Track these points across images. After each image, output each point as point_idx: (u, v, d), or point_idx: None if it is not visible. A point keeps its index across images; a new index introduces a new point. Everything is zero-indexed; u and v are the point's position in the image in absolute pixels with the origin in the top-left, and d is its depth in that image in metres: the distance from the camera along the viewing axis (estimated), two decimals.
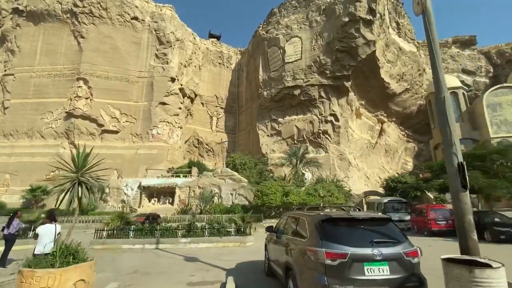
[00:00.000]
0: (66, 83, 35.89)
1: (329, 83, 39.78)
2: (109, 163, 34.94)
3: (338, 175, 38.69)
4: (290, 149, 32.21)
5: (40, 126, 35.14)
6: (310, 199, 21.85)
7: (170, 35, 39.97)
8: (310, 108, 41.43)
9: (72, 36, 37.02)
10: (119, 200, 27.03)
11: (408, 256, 3.44)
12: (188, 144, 46.93)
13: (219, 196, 25.92)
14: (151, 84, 38.22)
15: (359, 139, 47.05)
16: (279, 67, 42.26)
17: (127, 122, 37.01)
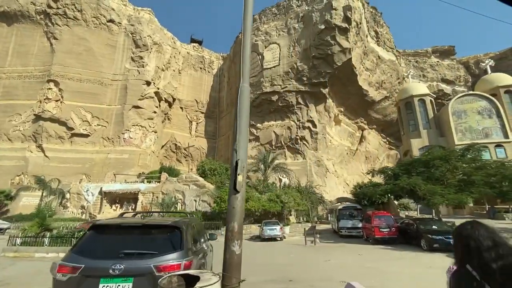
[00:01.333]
0: (36, 85, 35.05)
1: (306, 90, 39.81)
2: (78, 167, 34.05)
3: (315, 181, 38.38)
4: (259, 155, 31.70)
5: (8, 128, 34.06)
6: (270, 206, 21.27)
7: (147, 38, 39.66)
8: (288, 114, 41.31)
9: (45, 37, 36.40)
10: (79, 206, 26.00)
11: (161, 271, 2.89)
12: (165, 149, 46.12)
13: (183, 203, 25.15)
14: (125, 88, 37.62)
15: (339, 146, 46.97)
16: (258, 72, 42.22)
17: (99, 126, 36.18)
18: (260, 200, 21.46)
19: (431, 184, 12.99)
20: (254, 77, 42.40)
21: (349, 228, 16.60)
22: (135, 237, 3.25)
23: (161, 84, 41.91)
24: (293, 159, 41.25)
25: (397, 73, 50.12)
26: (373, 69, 46.06)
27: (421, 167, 14.50)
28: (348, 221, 16.85)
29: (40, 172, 31.05)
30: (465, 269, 1.40)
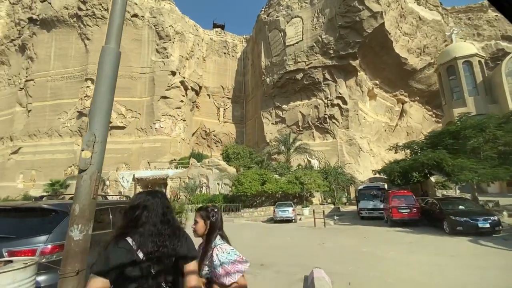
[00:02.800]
0: (76, 84, 38.61)
1: (334, 64, 36.91)
2: (117, 157, 37.26)
3: (347, 162, 36.41)
4: (280, 136, 30.79)
5: (58, 125, 38.51)
6: (289, 187, 20.65)
7: (169, 28, 40.39)
8: (315, 92, 39.06)
9: (80, 39, 39.45)
10: (117, 191, 28.59)
11: (15, 256, 2.62)
12: (196, 136, 47.77)
13: (207, 186, 25.91)
14: (152, 80, 39.30)
15: (374, 122, 43.37)
16: (280, 51, 40.32)
17: (133, 118, 38.74)
18: (278, 182, 20.93)
19: (462, 158, 10.88)
20: (277, 56, 40.69)
21: (370, 210, 15.25)
22: (5, 220, 3.08)
23: (186, 73, 42.79)
24: (322, 140, 39.38)
25: (443, 35, 43.40)
26: (413, 33, 40.51)
27: (450, 139, 12.25)
28: (369, 202, 15.47)
29: None
30: (125, 241, 1.35)
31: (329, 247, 8.25)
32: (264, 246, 8.72)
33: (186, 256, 1.47)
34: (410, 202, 11.72)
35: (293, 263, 6.36)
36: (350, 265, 6.02)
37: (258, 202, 22.42)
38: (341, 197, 24.74)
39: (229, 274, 1.66)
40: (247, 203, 21.74)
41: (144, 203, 1.48)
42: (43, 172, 36.47)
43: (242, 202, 21.63)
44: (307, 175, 21.50)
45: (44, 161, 37.32)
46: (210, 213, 1.91)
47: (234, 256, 1.76)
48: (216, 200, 22.51)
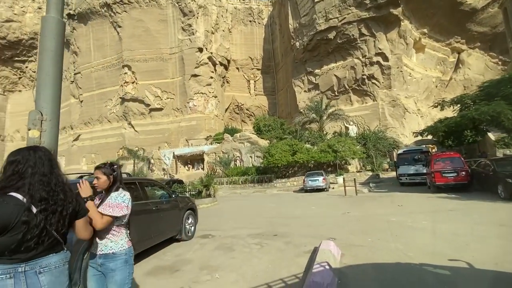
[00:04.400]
0: (116, 72, 41.17)
1: (371, 16, 32.72)
2: (159, 137, 39.89)
3: (390, 125, 33.63)
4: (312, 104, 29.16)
5: (106, 112, 42.25)
6: (321, 156, 19.85)
7: (192, 3, 39.59)
8: (350, 52, 35.61)
9: (112, 27, 41.20)
10: (161, 168, 31.01)
11: None
12: (229, 112, 48.26)
13: (240, 159, 26.43)
14: (182, 59, 39.82)
15: (423, 78, 38.49)
16: (309, 9, 36.92)
17: (168, 99, 40.42)
18: (310, 152, 20.23)
19: None
20: (305, 16, 37.45)
21: (412, 175, 13.87)
22: None
23: (213, 48, 42.27)
24: (361, 103, 36.55)
25: None
26: None
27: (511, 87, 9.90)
28: (410, 166, 14.04)
29: (133, 144, 38.05)
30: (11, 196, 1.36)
31: (354, 216, 7.71)
32: (284, 216, 8.55)
33: (78, 211, 1.59)
34: (457, 165, 10.21)
35: (309, 233, 6.07)
36: (371, 236, 5.49)
37: (290, 172, 22.20)
38: (381, 163, 23.07)
39: (107, 208, 1.92)
40: (279, 174, 21.70)
41: (27, 157, 1.47)
42: (100, 155, 41.04)
43: (274, 173, 21.65)
44: (341, 143, 20.30)
45: (99, 145, 41.86)
46: (110, 169, 2.07)
47: (123, 201, 2.00)
48: (249, 172, 22.93)
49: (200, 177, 15.56)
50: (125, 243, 2.06)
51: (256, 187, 21.35)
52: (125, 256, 2.03)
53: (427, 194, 10.79)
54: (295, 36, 39.52)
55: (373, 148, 23.14)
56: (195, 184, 13.54)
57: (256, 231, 6.64)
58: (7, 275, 1.33)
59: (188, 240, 6.08)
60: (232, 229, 7.14)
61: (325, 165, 21.52)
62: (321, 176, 15.56)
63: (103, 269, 2.00)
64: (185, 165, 30.84)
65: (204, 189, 12.61)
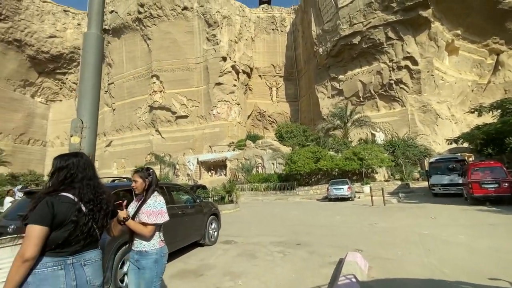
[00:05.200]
0: (145, 82, 43.51)
1: (398, 19, 31.67)
2: (184, 143, 41.21)
3: (420, 132, 32.01)
4: (336, 110, 28.53)
5: (135, 120, 44.60)
6: (346, 164, 19.26)
7: (216, 14, 40.99)
8: (376, 56, 34.60)
9: (143, 40, 43.78)
10: (185, 174, 31.89)
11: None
12: (251, 119, 48.71)
13: (262, 166, 26.43)
14: (206, 68, 41.14)
15: (457, 82, 36.28)
16: (333, 15, 36.59)
17: (193, 107, 41.80)
18: (334, 159, 19.72)
19: None
20: (329, 22, 37.14)
21: (446, 185, 12.95)
22: None
23: (237, 57, 43.22)
24: (388, 109, 35.19)
25: None
26: None
27: None
28: (443, 176, 13.14)
29: (160, 150, 39.66)
30: (65, 196, 1.54)
31: (382, 227, 7.34)
32: (308, 225, 8.37)
33: (113, 211, 1.82)
34: (499, 175, 9.37)
35: (333, 244, 5.88)
36: (401, 249, 5.20)
37: (314, 180, 21.75)
38: (411, 172, 21.85)
39: (150, 216, 2.12)
40: (301, 182, 21.35)
41: (76, 163, 1.65)
42: (130, 160, 43.23)
43: (297, 181, 21.34)
44: (367, 150, 19.57)
45: (129, 151, 44.13)
46: (146, 173, 2.29)
47: (161, 207, 2.19)
48: (271, 179, 22.81)
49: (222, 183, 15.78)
50: (157, 243, 2.21)
51: (278, 194, 21.16)
52: (155, 256, 2.17)
53: (464, 206, 10.00)
54: (318, 42, 39.27)
55: (402, 156, 22.01)
56: (217, 190, 13.75)
57: (278, 239, 6.56)
58: (58, 267, 1.49)
59: (211, 245, 6.16)
60: (254, 236, 7.12)
61: (350, 173, 20.82)
62: (346, 185, 15.06)
63: (138, 265, 2.21)
64: (208, 171, 31.48)
65: (227, 195, 12.76)
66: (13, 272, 1.37)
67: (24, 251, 1.39)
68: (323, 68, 39.23)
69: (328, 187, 15.61)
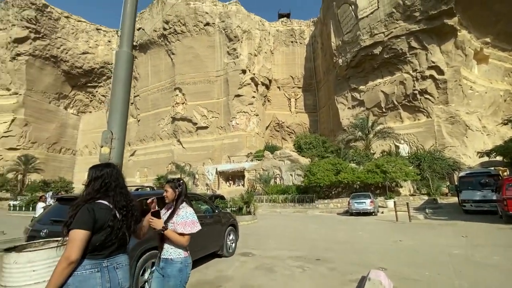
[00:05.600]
0: (168, 94, 45.36)
1: (422, 28, 30.99)
2: (204, 153, 42.00)
3: (448, 144, 30.50)
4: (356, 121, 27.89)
5: (158, 130, 46.33)
6: (368, 177, 18.61)
7: (237, 29, 42.32)
8: (399, 66, 33.84)
9: (167, 54, 46.01)
10: (204, 184, 32.31)
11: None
12: (269, 129, 48.85)
13: (281, 177, 26.19)
14: (226, 81, 42.22)
15: (487, 92, 34.49)
16: (352, 26, 36.50)
17: (213, 118, 42.78)
18: (355, 172, 19.13)
19: None
20: (349, 33, 37.02)
21: (478, 202, 12.07)
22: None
23: (256, 69, 44.04)
24: (412, 120, 33.98)
25: None
26: None
27: None
28: (475, 192, 12.27)
29: (181, 160, 40.69)
30: (102, 203, 1.68)
31: (407, 245, 6.94)
32: (328, 240, 8.10)
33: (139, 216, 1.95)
34: None
35: (355, 261, 5.64)
36: (429, 270, 4.88)
37: (334, 193, 21.15)
38: (439, 187, 20.63)
39: (185, 226, 2.23)
40: (321, 194, 20.83)
41: (110, 173, 1.80)
42: (152, 169, 44.68)
43: (316, 193, 20.86)
44: (391, 163, 18.82)
45: (151, 160, 45.68)
46: (176, 183, 2.42)
47: (193, 217, 2.31)
48: (290, 191, 22.50)
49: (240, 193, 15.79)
50: (182, 252, 2.28)
51: (297, 206, 20.77)
52: (180, 265, 2.24)
53: (498, 225, 9.23)
54: (337, 53, 39.14)
55: (428, 170, 20.90)
56: (235, 200, 13.75)
57: (297, 253, 6.41)
58: (95, 269, 1.61)
59: (229, 257, 6.14)
60: (272, 249, 7.01)
61: (373, 187, 20.05)
62: (368, 199, 14.48)
63: (163, 272, 2.26)
64: (226, 181, 31.70)
65: (245, 206, 12.72)
66: (58, 274, 1.46)
67: (69, 254, 1.49)
68: (343, 79, 38.86)
69: (349, 201, 15.09)
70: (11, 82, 47.32)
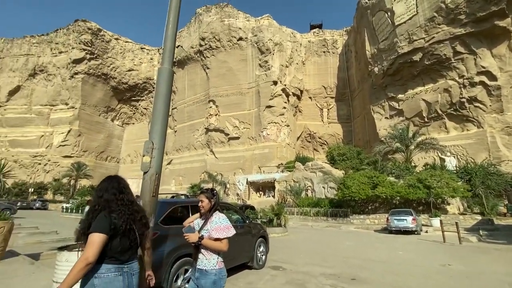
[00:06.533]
0: (203, 106, 47.45)
1: (469, 31, 28.80)
2: (235, 163, 42.71)
3: (504, 157, 27.47)
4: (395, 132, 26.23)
5: (193, 141, 48.41)
6: (409, 192, 17.24)
7: (269, 42, 43.24)
8: (443, 72, 31.62)
9: (202, 69, 48.46)
10: (235, 193, 32.65)
11: None
12: (301, 140, 48.18)
13: (312, 189, 25.46)
14: (258, 92, 42.98)
15: None
16: (389, 33, 35.17)
17: (245, 129, 43.55)
18: (394, 186, 17.85)
19: None
20: (385, 40, 35.70)
21: None
22: None
23: (287, 80, 44.23)
24: (460, 131, 31.23)
25: None
26: None
27: None
28: None
29: (213, 169, 41.81)
30: (103, 213, 1.77)
31: (457, 270, 6.19)
32: (364, 258, 7.57)
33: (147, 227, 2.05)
34: None
35: (395, 283, 5.18)
36: None
37: (371, 208, 19.89)
38: (495, 206, 18.32)
39: (220, 231, 2.25)
40: (356, 209, 19.73)
41: (120, 184, 1.98)
42: (186, 178, 46.52)
43: (351, 208, 19.81)
44: (435, 177, 17.26)
45: (186, 169, 47.65)
46: (211, 194, 2.49)
47: (226, 222, 2.36)
48: (322, 204, 21.70)
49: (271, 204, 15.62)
50: (216, 264, 2.27)
51: (330, 221, 19.89)
52: (214, 277, 2.23)
53: None
54: (373, 61, 37.78)
55: (481, 186, 18.71)
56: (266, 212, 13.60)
57: (330, 271, 6.09)
58: (118, 273, 1.74)
59: (259, 269, 6.05)
60: (304, 264, 6.75)
61: (415, 203, 18.49)
62: (410, 216, 13.32)
63: (197, 283, 2.27)
64: (257, 191, 31.68)
65: (275, 218, 12.52)
66: (75, 273, 1.55)
67: (88, 255, 1.58)
68: (379, 88, 37.22)
69: (388, 217, 14.03)
70: (69, 97, 53.57)
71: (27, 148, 52.42)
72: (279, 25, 46.25)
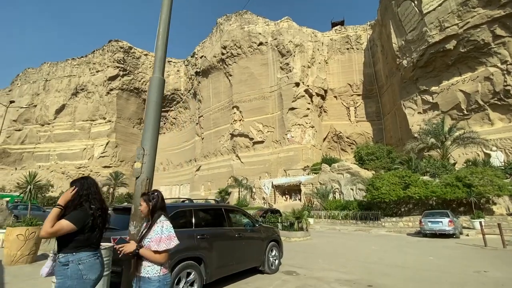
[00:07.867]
0: (227, 113, 48.42)
1: (509, 12, 26.17)
2: (260, 167, 42.74)
3: None
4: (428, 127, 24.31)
5: (219, 147, 49.49)
6: (446, 192, 15.80)
7: (289, 44, 43.02)
8: (482, 59, 28.98)
9: (225, 77, 49.60)
10: (261, 197, 32.59)
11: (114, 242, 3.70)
12: (327, 141, 46.80)
13: (340, 192, 24.50)
14: (280, 95, 42.80)
15: None
16: (417, 23, 33.06)
17: (269, 132, 43.52)
18: (429, 185, 16.49)
19: None
20: (413, 31, 33.62)
21: None
22: (121, 217, 4.28)
23: (310, 81, 43.46)
24: (507, 122, 28.31)
25: None
26: None
27: None
28: None
29: (239, 174, 42.24)
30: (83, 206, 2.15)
31: (493, 278, 5.49)
32: (387, 264, 7.04)
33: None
34: None
35: None
36: None
37: (403, 210, 18.56)
38: None
39: (159, 243, 2.09)
40: (388, 211, 18.54)
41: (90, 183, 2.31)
42: (214, 183, 47.56)
43: (381, 210, 18.67)
44: (477, 174, 15.63)
45: (214, 174, 48.76)
46: (150, 196, 2.34)
47: (168, 232, 2.16)
48: (350, 207, 20.77)
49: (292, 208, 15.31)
50: (160, 270, 2.10)
51: (359, 224, 18.93)
52: (158, 284, 2.07)
53: None
54: (401, 54, 35.68)
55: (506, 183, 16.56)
56: (286, 215, 13.35)
57: (347, 276, 5.77)
58: (95, 257, 2.15)
59: (271, 274, 5.93)
60: (320, 269, 6.49)
61: (455, 203, 16.89)
62: (446, 217, 12.14)
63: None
64: (283, 195, 31.32)
65: (296, 221, 12.22)
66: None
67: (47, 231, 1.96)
68: (409, 81, 34.97)
69: (421, 220, 12.95)
70: (106, 112, 58.13)
71: (73, 161, 57.72)
72: (299, 26, 45.83)
